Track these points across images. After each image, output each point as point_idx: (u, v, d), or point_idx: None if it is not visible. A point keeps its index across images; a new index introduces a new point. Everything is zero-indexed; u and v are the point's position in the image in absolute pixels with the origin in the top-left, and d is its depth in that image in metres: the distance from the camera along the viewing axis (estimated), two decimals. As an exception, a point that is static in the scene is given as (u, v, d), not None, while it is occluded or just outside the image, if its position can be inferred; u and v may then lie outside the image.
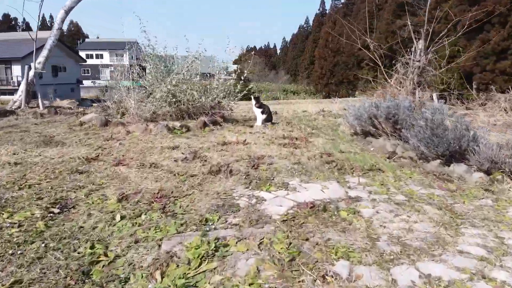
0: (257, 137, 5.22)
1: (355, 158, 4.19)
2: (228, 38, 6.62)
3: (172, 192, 2.89)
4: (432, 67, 7.27)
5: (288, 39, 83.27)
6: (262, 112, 6.41)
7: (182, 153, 4.05)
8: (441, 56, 7.67)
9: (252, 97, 6.45)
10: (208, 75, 7.09)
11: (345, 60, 47.84)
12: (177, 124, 5.22)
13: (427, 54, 7.21)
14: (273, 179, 3.20)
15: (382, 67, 7.46)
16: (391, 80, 7.43)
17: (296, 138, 5.27)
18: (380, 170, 3.67)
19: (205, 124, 5.49)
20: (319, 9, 73.65)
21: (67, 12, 8.38)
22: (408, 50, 7.50)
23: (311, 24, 74.42)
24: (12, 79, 31.92)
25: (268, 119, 6.50)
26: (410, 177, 3.48)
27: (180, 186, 3.01)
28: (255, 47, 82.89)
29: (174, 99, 5.62)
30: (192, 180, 3.16)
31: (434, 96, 7.42)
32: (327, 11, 69.93)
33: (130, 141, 4.60)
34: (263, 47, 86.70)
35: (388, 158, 4.36)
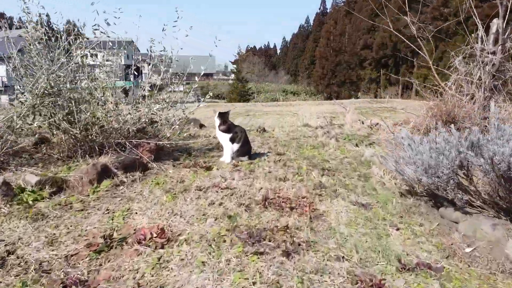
0: (206, 206, 2.42)
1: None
2: (177, 11, 4.20)
3: None
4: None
5: (288, 39, 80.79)
6: (232, 140, 3.61)
7: None
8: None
9: (217, 114, 3.65)
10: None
11: (348, 60, 45.30)
12: (34, 179, 2.41)
13: (505, 41, 4.41)
14: None
15: (431, 62, 4.68)
16: (445, 84, 4.63)
17: (291, 207, 2.47)
18: None
19: (103, 173, 2.67)
20: (319, 8, 71.01)
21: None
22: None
23: (311, 24, 71.86)
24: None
25: (243, 151, 3.70)
26: None
27: None
28: (254, 47, 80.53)
29: (41, 120, 2.81)
30: None
31: (492, 104, 4.63)
32: (328, 10, 67.31)
33: None
34: (263, 47, 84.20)
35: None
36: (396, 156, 2.61)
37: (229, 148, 3.61)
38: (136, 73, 3.68)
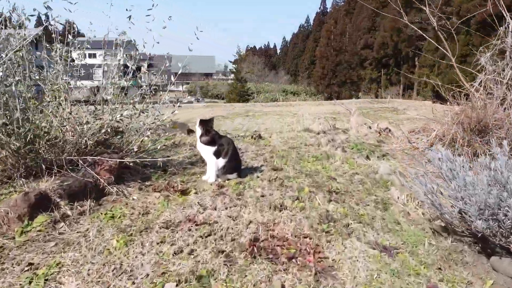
0: (170, 257, 1.74)
1: None
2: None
3: None
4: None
5: (288, 38, 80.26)
6: (217, 154, 2.94)
7: None
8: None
9: (197, 122, 2.98)
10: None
11: (348, 59, 44.64)
12: None
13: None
14: None
15: (453, 60, 4.01)
16: (471, 85, 3.96)
17: (289, 256, 1.80)
18: None
19: (39, 205, 2.00)
20: (320, 8, 70.36)
21: None
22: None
23: (311, 23, 71.24)
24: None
25: (231, 167, 3.02)
26: None
27: None
28: (254, 47, 79.96)
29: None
30: None
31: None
32: (328, 10, 66.64)
33: None
34: (262, 47, 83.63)
35: None
36: (429, 182, 1.93)
37: (213, 164, 2.93)
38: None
